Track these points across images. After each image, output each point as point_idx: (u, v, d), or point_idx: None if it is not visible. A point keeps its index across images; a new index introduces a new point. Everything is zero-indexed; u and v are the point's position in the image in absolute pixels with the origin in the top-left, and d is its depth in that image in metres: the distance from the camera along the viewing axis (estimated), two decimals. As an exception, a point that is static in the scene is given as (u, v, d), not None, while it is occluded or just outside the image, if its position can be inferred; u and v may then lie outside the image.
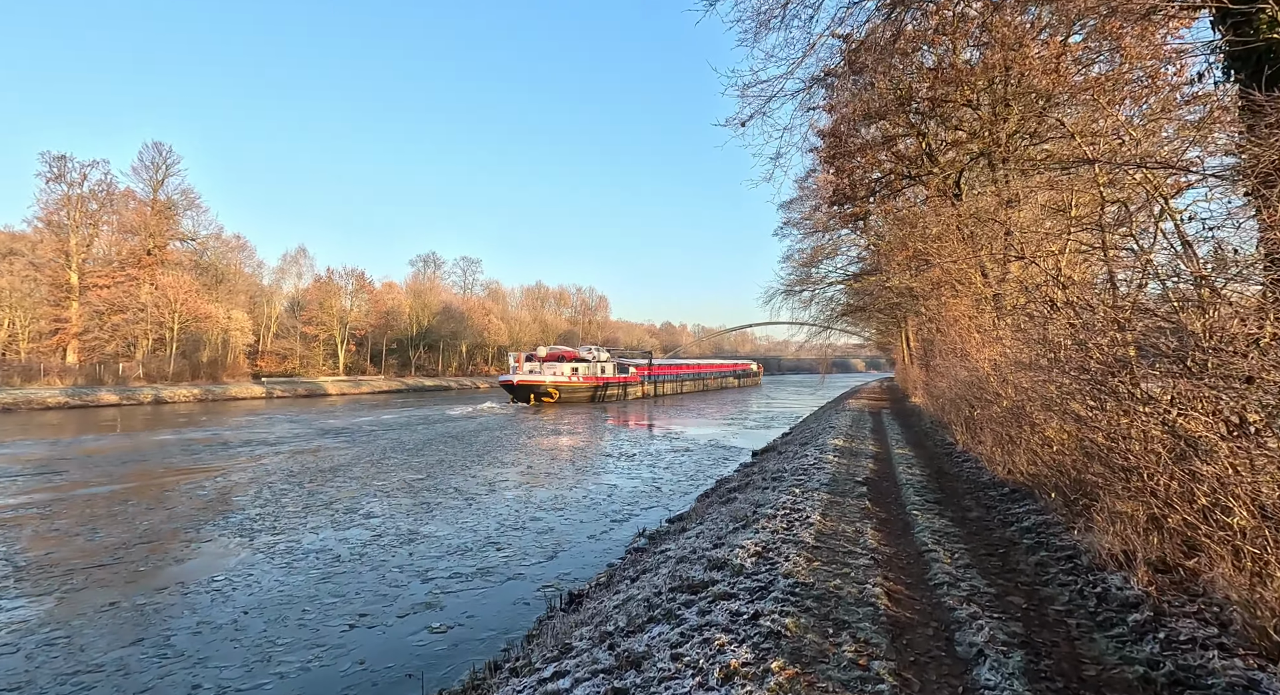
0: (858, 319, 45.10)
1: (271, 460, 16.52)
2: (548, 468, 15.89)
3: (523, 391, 43.57)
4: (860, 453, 10.95)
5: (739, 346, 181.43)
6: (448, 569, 7.76)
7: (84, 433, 23.68)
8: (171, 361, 54.91)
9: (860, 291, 36.46)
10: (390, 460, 16.73)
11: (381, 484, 13.34)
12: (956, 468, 9.19)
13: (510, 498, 12.10)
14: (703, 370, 73.35)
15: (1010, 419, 8.33)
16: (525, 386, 43.45)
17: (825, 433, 14.66)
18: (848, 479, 8.22)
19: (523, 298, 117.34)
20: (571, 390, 45.15)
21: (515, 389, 43.99)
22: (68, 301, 53.61)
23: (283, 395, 56.09)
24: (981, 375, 10.32)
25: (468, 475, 14.66)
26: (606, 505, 11.53)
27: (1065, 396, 6.65)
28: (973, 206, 12.72)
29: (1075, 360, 6.69)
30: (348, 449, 18.94)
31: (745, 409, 42.22)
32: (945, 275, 14.15)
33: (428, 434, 23.23)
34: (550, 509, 11.16)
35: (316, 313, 72.40)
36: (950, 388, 13.45)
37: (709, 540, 6.07)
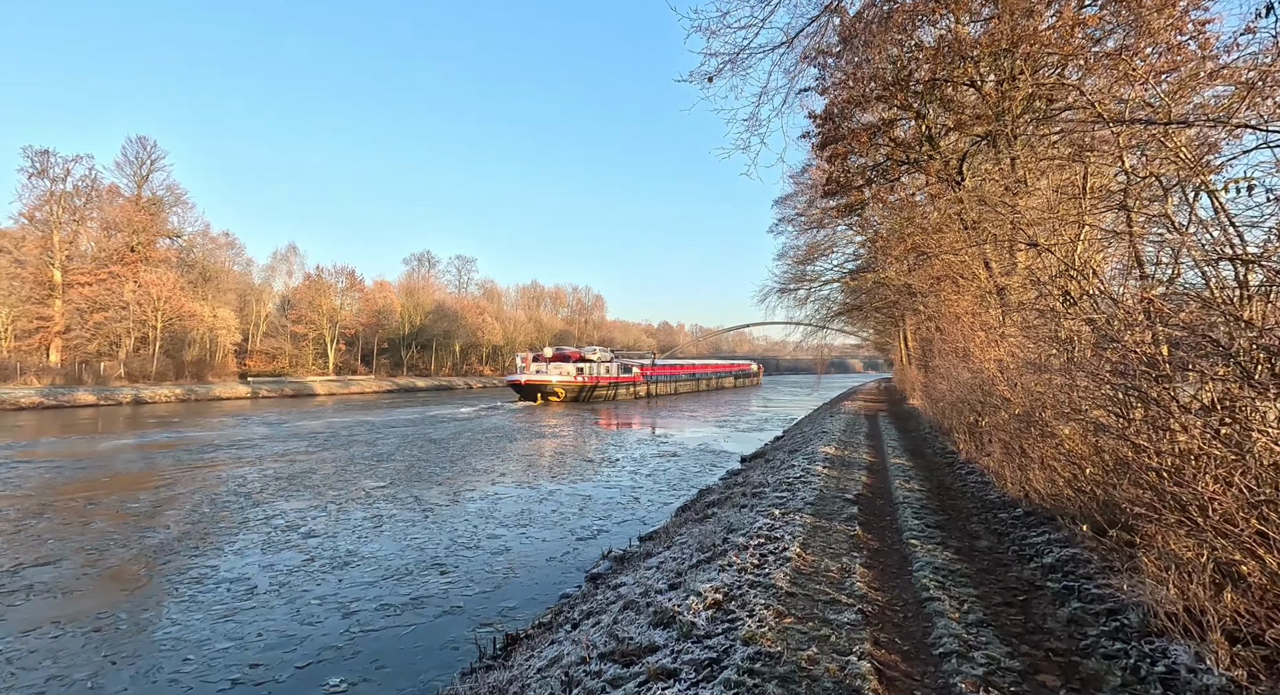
0: (855, 319, 44.19)
1: (227, 468, 15.47)
2: (522, 475, 14.87)
3: (529, 391, 44.72)
4: (853, 462, 9.94)
5: (736, 346, 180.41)
6: (377, 600, 6.74)
7: (43, 434, 22.60)
8: (155, 361, 53.75)
9: (857, 290, 35.57)
10: (356, 467, 15.69)
11: (337, 494, 12.31)
12: (960, 482, 8.19)
13: (473, 510, 11.08)
14: (703, 370, 73.68)
15: (1022, 428, 7.33)
16: (532, 386, 44.62)
17: (817, 438, 13.66)
18: (836, 496, 7.21)
19: (518, 297, 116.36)
20: (576, 389, 46.11)
21: (522, 388, 45.09)
22: (51, 299, 52.37)
23: (269, 396, 54.97)
24: (986, 377, 9.33)
25: (434, 483, 13.63)
26: (576, 520, 10.51)
27: (1090, 403, 5.66)
28: (976, 192, 11.72)
29: (1103, 360, 5.70)
30: (315, 454, 17.89)
31: (740, 410, 41.25)
32: (946, 269, 13.16)
33: (406, 436, 22.19)
34: (513, 524, 10.14)
35: (306, 311, 71.24)
36: (951, 391, 12.47)
37: (666, 577, 5.06)
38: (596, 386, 48.36)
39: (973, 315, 11.67)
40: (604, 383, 49.51)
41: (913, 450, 11.75)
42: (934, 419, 15.07)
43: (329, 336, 71.86)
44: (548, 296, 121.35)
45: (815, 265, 34.48)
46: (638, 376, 56.08)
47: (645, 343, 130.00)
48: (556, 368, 47.05)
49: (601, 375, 49.49)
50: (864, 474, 8.88)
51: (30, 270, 51.93)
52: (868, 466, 9.68)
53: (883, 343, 58.46)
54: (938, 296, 16.73)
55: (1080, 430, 5.72)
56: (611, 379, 50.88)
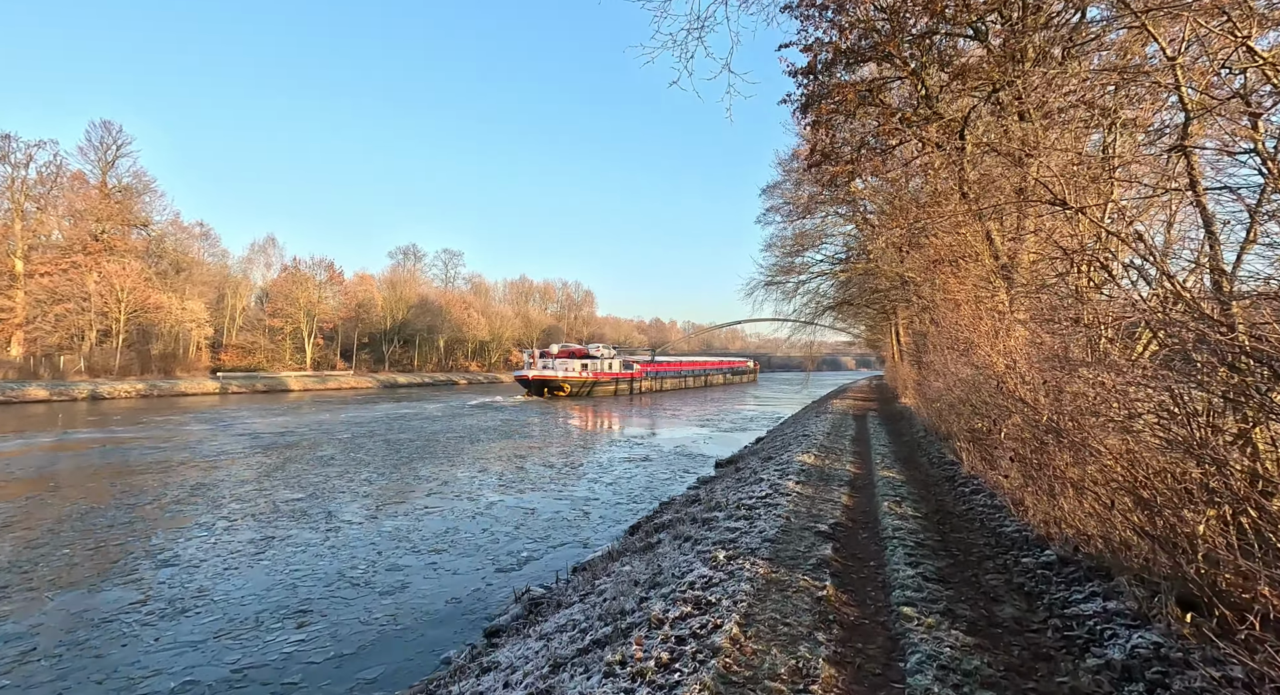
0: (845, 314, 42.65)
1: (130, 476, 13.64)
2: (466, 484, 13.13)
3: (537, 385, 46.52)
4: (833, 476, 8.27)
5: (729, 343, 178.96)
6: (184, 670, 5.01)
7: (-41, 435, 20.63)
8: (118, 355, 51.57)
9: (847, 283, 34.01)
10: (281, 473, 13.90)
11: (236, 509, 10.54)
12: (965, 505, 6.54)
13: (386, 530, 9.35)
14: (701, 367, 75.72)
15: (1045, 439, 5.69)
16: (540, 381, 46.40)
17: (796, 444, 12.00)
18: (806, 528, 5.53)
19: (506, 292, 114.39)
20: (581, 385, 48.02)
21: (530, 383, 46.74)
22: (12, 290, 49.91)
23: (239, 392, 52.94)
24: (994, 374, 7.68)
25: (360, 495, 11.88)
26: (506, 543, 8.79)
27: (1155, 407, 4.02)
28: (983, 148, 10.07)
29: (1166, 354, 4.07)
30: (244, 458, 16.07)
31: (728, 408, 39.72)
32: (943, 250, 11.52)
33: (360, 436, 20.40)
34: (427, 549, 8.42)
35: (282, 304, 69.02)
36: (949, 389, 10.84)
37: (540, 671, 3.35)
38: (600, 382, 50.16)
39: (975, 301, 10.03)
40: (607, 378, 51.29)
41: (905, 459, 10.10)
42: (929, 421, 13.45)
43: (306, 331, 69.69)
44: (536, 292, 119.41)
45: (804, 256, 32.87)
46: (639, 372, 57.44)
47: (637, 339, 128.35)
48: (563, 364, 48.46)
49: (605, 371, 51.37)
50: (845, 493, 7.21)
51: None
52: (850, 481, 8.01)
53: (874, 340, 57.09)
54: (933, 283, 15.11)
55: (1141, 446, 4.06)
56: (614, 375, 52.54)
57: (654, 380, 60.41)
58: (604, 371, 51.44)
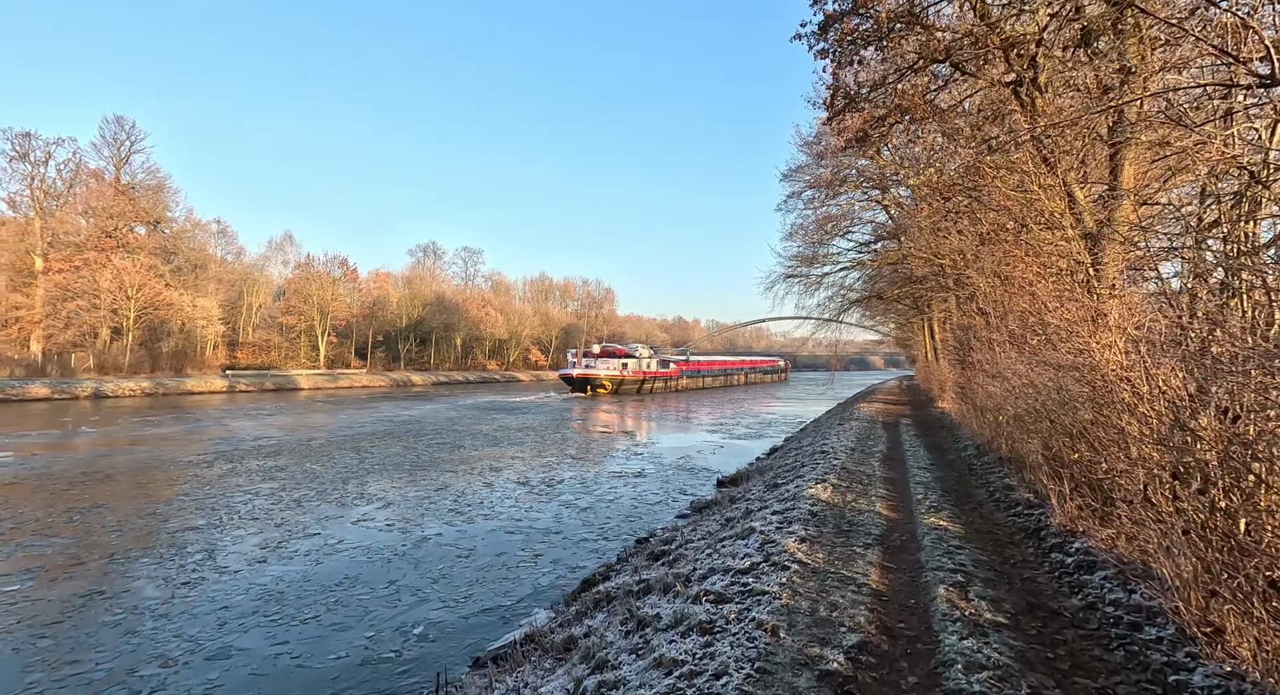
0: (874, 310, 39.80)
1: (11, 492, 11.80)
2: (405, 508, 10.93)
3: (580, 383, 49.17)
4: (856, 526, 5.79)
5: (754, 342, 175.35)
6: None
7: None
8: (128, 352, 51.07)
9: (876, 276, 31.19)
10: (196, 496, 11.92)
11: (89, 558, 8.48)
12: (1080, 598, 4.00)
13: (265, 579, 7.15)
14: (734, 366, 77.15)
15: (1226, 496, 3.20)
16: (583, 379, 49.03)
17: (811, 464, 9.48)
18: (804, 665, 3.07)
19: (526, 290, 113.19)
20: (621, 383, 50.59)
21: (574, 381, 49.58)
22: (30, 288, 49.66)
23: (247, 390, 52.08)
24: (1104, 379, 5.15)
25: (274, 522, 9.76)
26: (406, 608, 6.50)
27: None
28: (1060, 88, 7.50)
29: None
30: (178, 472, 14.19)
31: (750, 409, 37.23)
32: (1006, 217, 8.90)
33: (327, 445, 18.47)
34: (285, 619, 6.17)
35: (295, 302, 68.38)
36: (1014, 396, 8.25)
37: None
38: (639, 381, 52.77)
39: (1055, 278, 7.44)
40: (645, 377, 53.85)
41: (956, 493, 7.54)
42: (981, 435, 10.81)
43: (320, 328, 68.94)
44: (556, 290, 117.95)
45: (829, 246, 30.14)
46: (674, 372, 59.69)
47: (659, 337, 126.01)
48: (604, 363, 51.03)
49: (643, 370, 53.91)
50: (875, 562, 4.73)
51: (9, 257, 49.34)
52: (882, 535, 5.52)
53: (905, 338, 53.86)
54: (983, 266, 12.43)
55: None
56: (652, 374, 55.17)
57: (689, 379, 62.17)
58: (642, 371, 53.79)
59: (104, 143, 55.56)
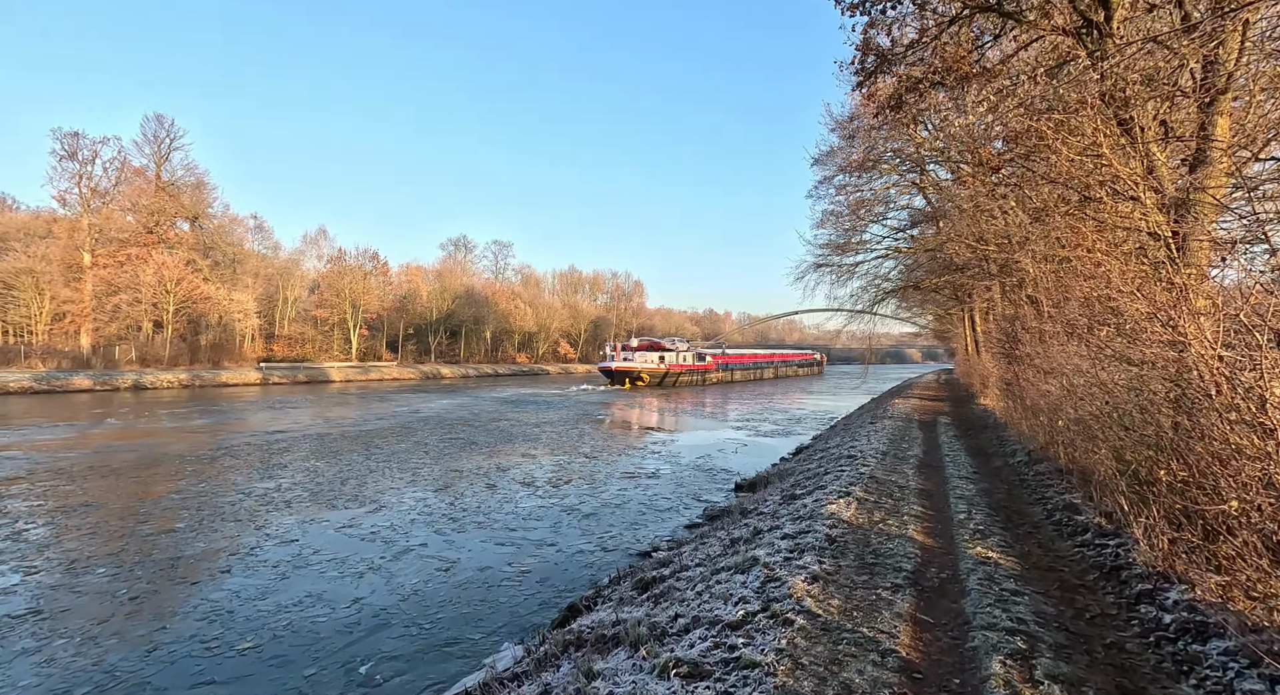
0: (910, 300, 37.97)
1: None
2: (397, 513, 10.27)
3: (619, 376, 50.74)
4: (884, 555, 4.76)
5: (786, 335, 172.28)
6: None
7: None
8: (168, 345, 52.43)
9: (913, 265, 29.56)
10: (187, 495, 11.49)
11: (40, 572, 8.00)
12: (1197, 679, 2.94)
13: (219, 594, 6.50)
14: (770, 359, 77.25)
15: None
16: (622, 372, 50.57)
17: (835, 471, 8.41)
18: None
19: (555, 283, 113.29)
20: (659, 376, 51.44)
21: (613, 374, 51.29)
22: (80, 282, 51.28)
23: (280, 382, 52.98)
24: (1201, 380, 4.02)
25: (255, 525, 9.20)
26: (363, 631, 5.74)
27: None
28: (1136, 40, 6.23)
29: None
30: (178, 467, 13.89)
31: (781, 404, 35.96)
32: (1070, 189, 7.63)
33: (352, 434, 18.11)
34: (223, 647, 5.48)
35: (328, 295, 69.46)
36: (1074, 398, 7.05)
37: None
38: (676, 373, 53.33)
39: (1130, 255, 6.22)
40: (682, 370, 54.45)
41: (1007, 511, 6.41)
42: (1032, 438, 9.55)
43: (352, 322, 69.87)
44: (585, 282, 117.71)
45: (863, 234, 28.57)
46: (711, 365, 59.81)
47: (689, 330, 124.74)
48: (642, 356, 52.43)
49: (680, 364, 54.54)
50: (905, 614, 3.71)
51: (60, 252, 51.00)
52: (915, 571, 4.49)
53: (943, 330, 51.62)
54: (1036, 251, 11.10)
55: None
56: (689, 367, 55.73)
57: (724, 372, 62.27)
58: (679, 364, 54.40)
59: (145, 141, 56.94)
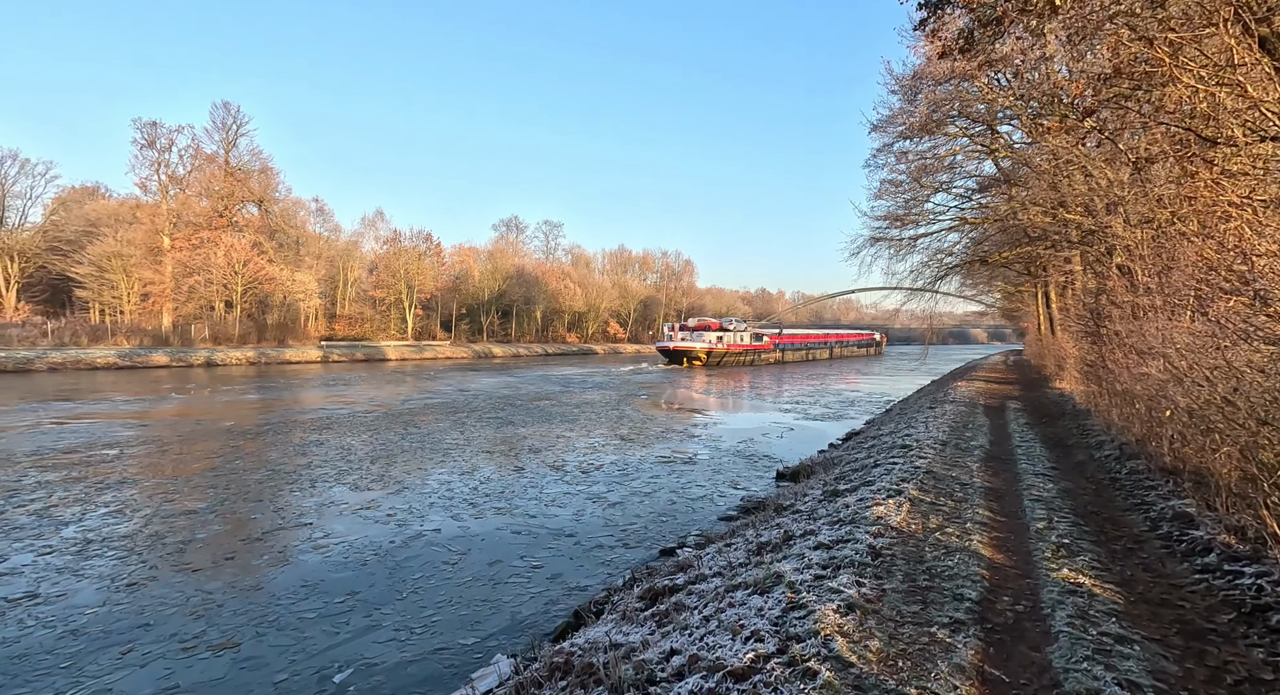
0: (976, 277, 35.43)
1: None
2: (420, 496, 9.94)
3: (676, 355, 51.05)
4: (941, 577, 3.84)
5: (842, 315, 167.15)
6: None
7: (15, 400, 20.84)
8: (237, 324, 55.04)
9: (980, 238, 27.34)
10: (218, 472, 11.53)
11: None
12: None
13: (216, 583, 6.20)
14: (828, 339, 76.58)
15: None
16: (679, 351, 50.79)
17: (887, 464, 7.42)
18: None
19: (605, 262, 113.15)
20: (716, 355, 51.58)
21: (670, 353, 51.56)
22: (161, 265, 54.25)
23: (339, 360, 54.95)
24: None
25: (274, 506, 9.02)
26: (350, 632, 5.28)
27: None
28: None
29: None
30: (218, 443, 14.09)
31: (832, 386, 34.47)
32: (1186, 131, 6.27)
33: (394, 413, 18.20)
34: (201, 645, 5.11)
35: (384, 276, 71.41)
36: (1185, 384, 5.82)
37: None
38: (733, 353, 53.50)
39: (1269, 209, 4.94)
40: (739, 350, 54.57)
41: (1100, 523, 5.32)
42: (1125, 428, 8.23)
43: (407, 302, 71.65)
44: (635, 262, 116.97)
45: (925, 205, 26.49)
46: (768, 344, 60.03)
47: (740, 310, 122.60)
48: (700, 336, 52.13)
49: (737, 343, 54.65)
50: (968, 670, 2.83)
51: (142, 236, 54.02)
52: (981, 603, 3.57)
53: (1012, 309, 48.36)
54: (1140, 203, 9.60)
55: None
56: (746, 347, 55.75)
57: (781, 352, 62.33)
58: (737, 344, 54.47)
59: (215, 128, 59.25)
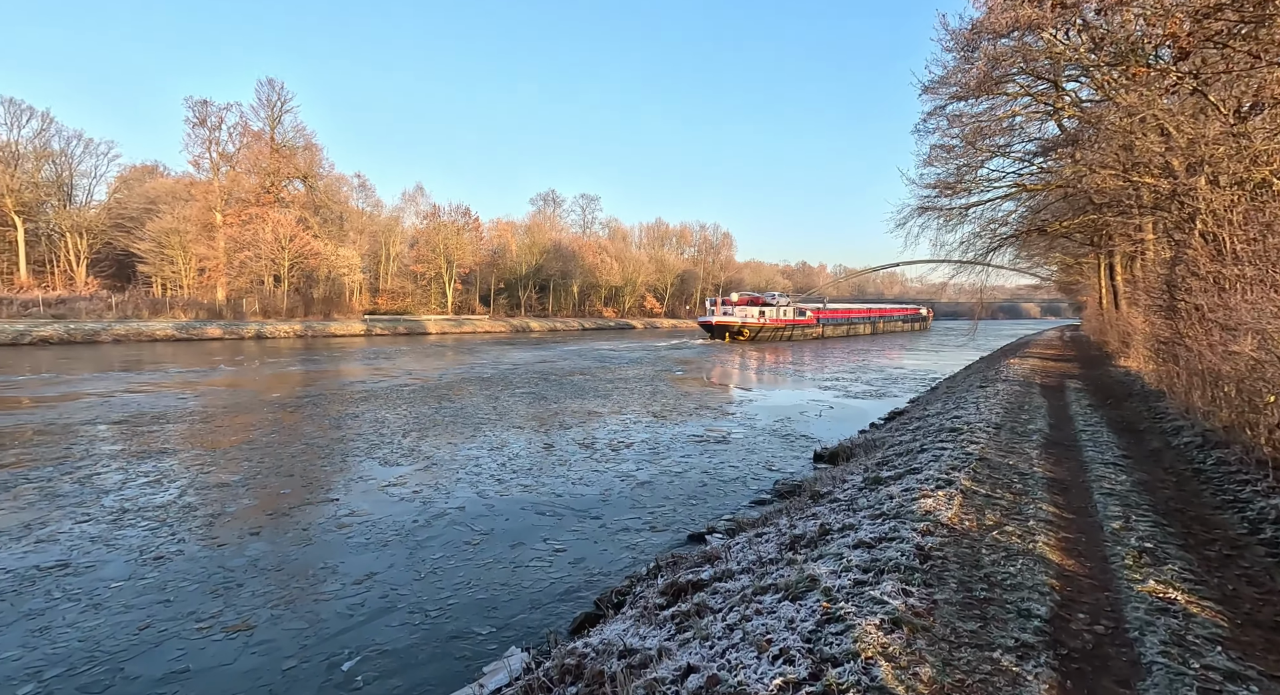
0: (1033, 248, 33.48)
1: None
2: (448, 471, 9.83)
3: (719, 330, 50.82)
4: (1001, 586, 3.35)
5: (885, 288, 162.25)
6: None
7: (59, 370, 21.82)
8: (285, 298, 56.65)
9: (1038, 207, 25.66)
10: (252, 445, 11.70)
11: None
12: None
13: (239, 560, 6.17)
14: (872, 314, 75.15)
15: None
16: (721, 326, 50.60)
17: (935, 450, 6.84)
18: None
19: (642, 236, 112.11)
20: (758, 330, 51.42)
21: (712, 328, 51.26)
22: (214, 240, 56.09)
23: (382, 334, 56.24)
24: None
25: (304, 481, 9.05)
26: (363, 615, 5.14)
27: None
28: None
29: None
30: (256, 417, 14.37)
31: (874, 361, 33.38)
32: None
33: (430, 386, 18.36)
34: (215, 626, 5.04)
35: (424, 251, 72.34)
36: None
37: None
38: (775, 328, 53.27)
39: None
40: (782, 325, 54.29)
41: (1186, 522, 4.70)
42: (1209, 413, 7.43)
43: (447, 276, 72.55)
44: (672, 235, 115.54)
45: (978, 171, 24.85)
46: (811, 319, 59.36)
47: (779, 284, 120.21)
48: (742, 311, 51.73)
49: (780, 318, 54.36)
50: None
51: (197, 213, 55.87)
52: (1052, 622, 3.08)
53: (1069, 282, 45.83)
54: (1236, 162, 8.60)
55: None
56: (789, 322, 55.33)
57: (825, 327, 61.60)
58: (779, 319, 54.18)
59: (260, 104, 60.26)
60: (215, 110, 56.54)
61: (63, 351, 31.06)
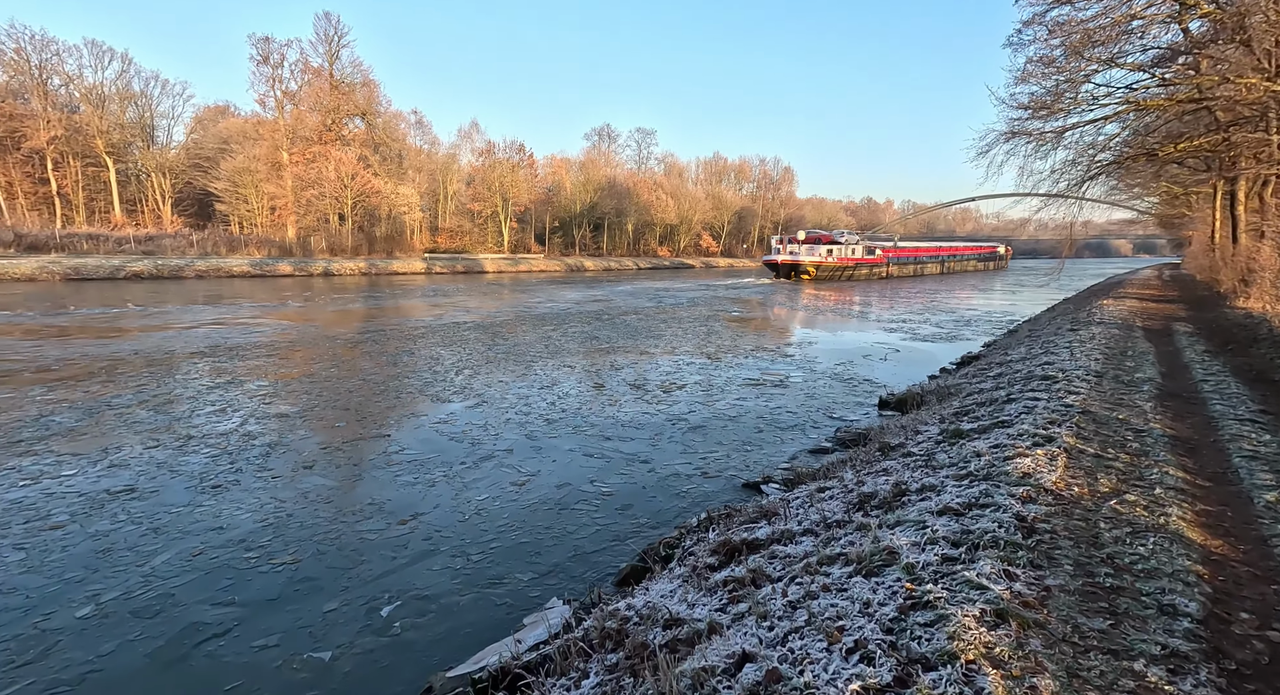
0: (1134, 177, 30.03)
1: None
2: (497, 411, 9.71)
3: (785, 269, 49.44)
4: (1130, 572, 2.76)
5: (958, 225, 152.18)
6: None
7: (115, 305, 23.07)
8: (349, 236, 58.05)
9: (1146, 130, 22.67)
10: (313, 379, 11.93)
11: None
12: None
13: (285, 496, 6.20)
14: (945, 252, 71.64)
15: None
16: (787, 265, 49.18)
17: (1026, 401, 6.03)
18: None
19: (699, 172, 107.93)
20: (826, 269, 50.31)
21: (778, 267, 49.86)
22: (282, 179, 57.53)
23: (441, 272, 57.22)
24: None
25: (359, 416, 9.12)
26: (388, 567, 5.03)
27: None
28: None
29: None
30: (319, 351, 14.70)
31: (944, 302, 31.50)
32: None
33: (485, 324, 18.46)
34: (245, 574, 5.03)
35: (480, 189, 72.10)
36: None
37: None
38: (844, 268, 52.01)
39: None
40: (850, 264, 52.83)
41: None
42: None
43: (503, 214, 72.44)
44: (731, 170, 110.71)
45: (1080, 89, 21.90)
46: (880, 258, 57.56)
47: (843, 221, 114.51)
48: (809, 250, 50.23)
49: (849, 257, 52.85)
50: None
51: (265, 152, 57.24)
52: (1204, 627, 2.49)
53: (1173, 215, 41.22)
54: None
55: None
56: (857, 260, 53.70)
57: (896, 266, 59.55)
58: (848, 257, 52.62)
59: (319, 39, 59.80)
60: (277, 47, 56.58)
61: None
